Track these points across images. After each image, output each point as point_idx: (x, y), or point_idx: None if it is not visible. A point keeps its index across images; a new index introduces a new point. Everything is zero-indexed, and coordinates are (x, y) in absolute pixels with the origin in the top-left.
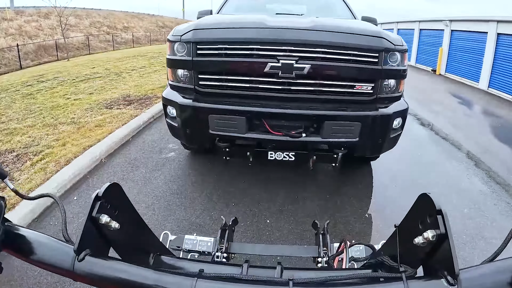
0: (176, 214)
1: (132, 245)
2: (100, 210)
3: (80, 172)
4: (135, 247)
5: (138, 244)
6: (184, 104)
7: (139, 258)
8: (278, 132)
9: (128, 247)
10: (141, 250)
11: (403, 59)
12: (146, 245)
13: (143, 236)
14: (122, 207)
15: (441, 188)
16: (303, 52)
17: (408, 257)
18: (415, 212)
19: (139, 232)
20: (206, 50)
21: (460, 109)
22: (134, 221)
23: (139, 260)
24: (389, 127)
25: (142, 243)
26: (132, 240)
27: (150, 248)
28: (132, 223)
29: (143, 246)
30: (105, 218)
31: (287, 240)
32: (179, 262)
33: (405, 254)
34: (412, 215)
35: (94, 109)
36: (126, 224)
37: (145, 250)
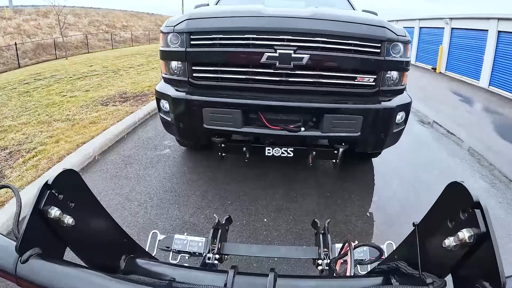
0: (169, 212)
1: (95, 245)
2: (50, 201)
3: None
4: (99, 248)
5: (103, 244)
6: (177, 97)
7: (105, 261)
8: (275, 126)
9: (90, 248)
10: (108, 251)
11: (406, 50)
12: (115, 246)
13: (110, 234)
14: (80, 199)
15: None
16: (301, 41)
17: (432, 263)
18: (443, 206)
19: (105, 230)
20: (200, 41)
21: (462, 107)
22: (97, 217)
23: (106, 263)
24: (392, 121)
25: (109, 243)
26: (95, 240)
27: (120, 249)
28: (94, 219)
29: (110, 247)
30: (54, 212)
31: (285, 240)
32: (154, 266)
33: (429, 259)
34: (438, 210)
35: (89, 106)
36: (85, 220)
37: (114, 251)
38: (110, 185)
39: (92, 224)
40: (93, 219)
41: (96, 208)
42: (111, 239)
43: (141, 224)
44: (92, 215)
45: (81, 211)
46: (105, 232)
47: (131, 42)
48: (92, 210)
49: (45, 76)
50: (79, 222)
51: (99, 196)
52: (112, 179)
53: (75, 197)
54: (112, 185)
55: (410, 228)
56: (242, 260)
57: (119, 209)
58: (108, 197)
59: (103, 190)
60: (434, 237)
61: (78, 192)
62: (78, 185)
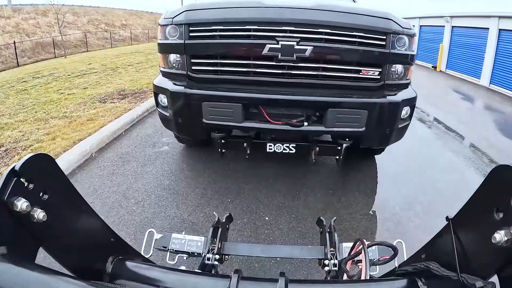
0: (167, 211)
1: (75, 246)
2: (16, 191)
3: (68, 167)
4: (80, 249)
5: (84, 244)
6: (176, 91)
7: (88, 265)
8: (277, 121)
9: (68, 248)
10: (92, 253)
11: (412, 44)
12: (100, 246)
13: (94, 233)
14: (55, 190)
15: (448, 183)
16: (305, 32)
17: (474, 263)
18: (487, 194)
19: (87, 228)
20: (199, 32)
21: (463, 105)
22: (76, 212)
23: (89, 267)
24: (397, 116)
25: (93, 244)
26: (74, 239)
27: (107, 250)
28: (73, 214)
29: (94, 248)
30: (21, 204)
31: (288, 239)
32: (146, 270)
33: (468, 258)
34: (481, 200)
35: (87, 103)
36: (61, 215)
37: (98, 253)
38: (106, 183)
39: (71, 220)
40: (71, 215)
41: (75, 201)
42: (95, 239)
43: (138, 222)
44: (70, 210)
45: (56, 204)
46: (87, 230)
47: (130, 40)
48: (70, 204)
49: (44, 74)
50: (53, 218)
51: (95, 194)
52: (109, 177)
53: (49, 188)
54: (109, 182)
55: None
56: (243, 260)
57: (116, 207)
58: (105, 195)
59: (100, 187)
60: (476, 232)
61: (53, 182)
62: (53, 173)
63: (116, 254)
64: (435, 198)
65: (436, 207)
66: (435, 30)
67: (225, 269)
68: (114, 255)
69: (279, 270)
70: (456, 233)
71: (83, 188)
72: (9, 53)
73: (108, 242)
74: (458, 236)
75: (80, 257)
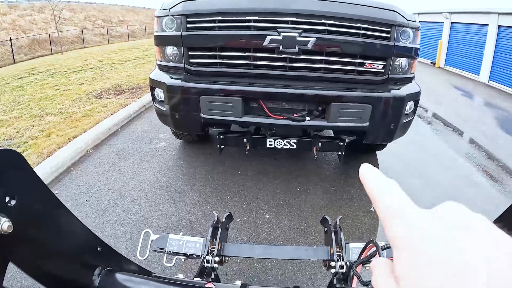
0: (164, 209)
1: (53, 259)
2: None
3: (63, 164)
4: (59, 262)
5: (65, 257)
6: (172, 84)
7: (70, 279)
8: (278, 115)
9: (44, 263)
10: (74, 266)
11: (416, 37)
12: (84, 257)
13: (76, 243)
14: (24, 194)
15: (449, 180)
16: (307, 24)
17: None
18: None
19: (67, 238)
20: (197, 24)
21: (463, 101)
22: (53, 219)
23: (71, 281)
24: (402, 111)
25: (76, 255)
26: (52, 251)
27: (93, 261)
28: (48, 222)
29: (77, 260)
30: None
31: (290, 239)
32: (138, 283)
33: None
34: None
35: (83, 99)
36: (33, 224)
37: (83, 265)
38: (102, 180)
39: (46, 230)
40: (46, 223)
41: (51, 206)
42: (78, 249)
43: (134, 221)
44: (44, 217)
45: (26, 211)
46: (67, 240)
47: (127, 37)
48: (44, 210)
49: (40, 71)
50: (22, 227)
51: (90, 192)
52: (104, 174)
53: (17, 191)
54: (104, 180)
55: None
56: (243, 261)
57: (111, 205)
58: (100, 193)
59: (95, 185)
60: None
61: (22, 184)
62: (22, 173)
63: (104, 265)
64: (439, 195)
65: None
66: (434, 26)
67: (225, 270)
68: (101, 267)
69: (281, 270)
70: None
71: (77, 186)
72: (5, 50)
73: (93, 251)
74: None
75: (59, 271)
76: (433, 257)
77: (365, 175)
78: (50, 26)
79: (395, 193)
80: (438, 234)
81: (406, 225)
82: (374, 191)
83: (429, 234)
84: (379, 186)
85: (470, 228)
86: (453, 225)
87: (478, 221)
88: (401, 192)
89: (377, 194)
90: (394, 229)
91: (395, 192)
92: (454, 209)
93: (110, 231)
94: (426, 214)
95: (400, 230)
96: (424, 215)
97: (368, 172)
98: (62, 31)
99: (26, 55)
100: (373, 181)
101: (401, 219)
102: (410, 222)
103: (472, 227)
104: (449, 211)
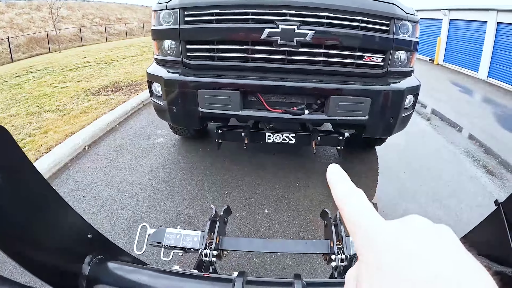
0: (162, 204)
1: (40, 244)
2: None
3: (60, 161)
4: (46, 248)
5: (52, 242)
6: (170, 78)
7: (58, 267)
8: (277, 109)
9: (29, 248)
10: (62, 252)
11: (415, 30)
12: (73, 244)
13: (64, 228)
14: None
15: (448, 176)
16: (306, 16)
17: None
18: None
19: (54, 221)
20: (194, 17)
21: (462, 98)
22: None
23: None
24: (402, 104)
25: (64, 241)
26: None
27: (82, 248)
28: (34, 205)
29: (66, 246)
30: None
31: (289, 233)
32: (130, 272)
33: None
34: None
35: (81, 97)
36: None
37: (72, 252)
38: (100, 176)
39: (32, 211)
40: (32, 205)
41: (38, 188)
42: (66, 235)
43: (131, 217)
44: (30, 199)
45: (9, 192)
46: (55, 225)
47: (125, 34)
48: (30, 192)
49: (37, 69)
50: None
51: (87, 188)
52: (102, 170)
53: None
54: (102, 176)
55: None
56: (242, 256)
57: (109, 201)
58: (98, 189)
59: (92, 181)
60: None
61: (6, 162)
62: (7, 150)
63: (95, 253)
64: (439, 190)
65: (440, 197)
66: (432, 23)
67: (223, 265)
68: (92, 255)
69: (281, 265)
70: (508, 220)
71: (75, 182)
72: (3, 49)
73: (83, 238)
74: (511, 224)
75: (45, 257)
76: (393, 273)
77: (333, 180)
78: (48, 25)
79: (361, 204)
80: (399, 250)
81: (368, 238)
82: (341, 199)
83: (390, 249)
84: (345, 195)
85: (432, 243)
86: (416, 239)
87: (442, 236)
88: (366, 204)
89: (343, 203)
90: (357, 241)
91: (360, 202)
92: (417, 222)
93: (107, 227)
94: (390, 228)
95: (361, 243)
96: (388, 228)
97: (336, 176)
98: (60, 30)
99: (24, 53)
100: (340, 188)
101: (364, 232)
102: (371, 236)
103: (434, 243)
104: (412, 225)
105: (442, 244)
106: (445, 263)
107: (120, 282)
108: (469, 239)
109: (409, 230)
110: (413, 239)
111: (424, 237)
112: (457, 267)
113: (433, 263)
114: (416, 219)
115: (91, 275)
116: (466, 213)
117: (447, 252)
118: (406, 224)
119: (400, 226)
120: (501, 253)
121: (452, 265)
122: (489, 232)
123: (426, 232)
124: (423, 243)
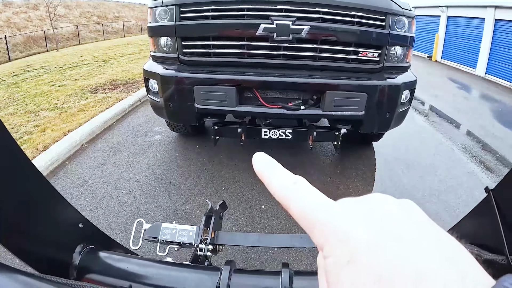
0: (159, 201)
1: (29, 232)
2: None
3: (58, 158)
4: (35, 235)
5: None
6: (166, 75)
7: (49, 256)
8: (273, 104)
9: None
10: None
11: (411, 26)
12: (63, 233)
13: (53, 216)
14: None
15: (445, 172)
16: (301, 11)
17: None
18: None
19: (43, 209)
20: (190, 13)
21: (459, 94)
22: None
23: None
24: (398, 99)
25: (54, 229)
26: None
27: (73, 237)
28: (21, 190)
29: (55, 235)
30: None
31: (286, 229)
32: (121, 261)
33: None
34: None
35: (78, 95)
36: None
37: (62, 241)
38: (97, 173)
39: (19, 196)
40: (20, 189)
41: (27, 173)
42: (57, 223)
43: (128, 213)
44: (18, 183)
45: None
46: (45, 211)
47: (123, 32)
48: (19, 176)
49: (35, 68)
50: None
51: (85, 185)
52: (99, 167)
53: None
54: (99, 173)
55: None
56: (239, 251)
57: (106, 198)
58: (95, 186)
59: (90, 178)
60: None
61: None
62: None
63: (86, 243)
64: (437, 185)
65: (437, 193)
66: (430, 20)
67: (220, 260)
68: (83, 244)
69: (277, 261)
70: (500, 208)
71: (72, 180)
72: (1, 48)
73: (74, 227)
74: (503, 211)
75: (34, 244)
76: (368, 263)
77: (264, 170)
78: (45, 23)
79: (308, 193)
80: (372, 237)
81: (331, 231)
82: (281, 192)
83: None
84: (285, 186)
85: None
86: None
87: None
88: (314, 191)
89: (286, 197)
90: (316, 235)
91: (307, 192)
92: (381, 202)
93: (104, 224)
94: (354, 213)
95: (324, 237)
96: (352, 215)
97: (266, 165)
98: (57, 28)
99: (21, 52)
100: (276, 179)
101: (325, 224)
102: (335, 228)
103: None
104: (377, 206)
105: (412, 221)
106: (419, 240)
107: (110, 271)
108: (460, 228)
109: (375, 212)
110: (382, 221)
111: (393, 217)
112: (431, 241)
113: (406, 243)
114: (378, 198)
115: (81, 264)
116: (462, 207)
117: (418, 229)
118: (371, 206)
119: (363, 209)
120: (492, 241)
121: (426, 241)
122: (480, 220)
123: (394, 212)
124: (393, 224)
